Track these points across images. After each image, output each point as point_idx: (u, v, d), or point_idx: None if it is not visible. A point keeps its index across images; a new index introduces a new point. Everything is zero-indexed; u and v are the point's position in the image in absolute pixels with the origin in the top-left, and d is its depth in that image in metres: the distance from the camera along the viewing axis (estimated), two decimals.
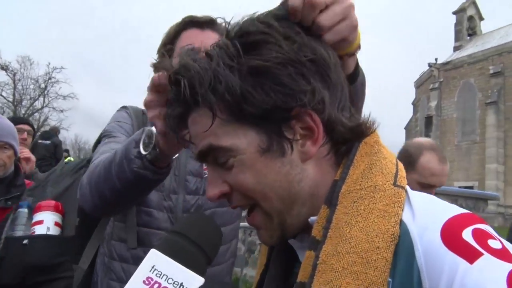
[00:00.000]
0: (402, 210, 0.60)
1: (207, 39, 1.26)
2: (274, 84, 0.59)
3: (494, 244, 0.54)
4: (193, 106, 0.64)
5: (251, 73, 0.59)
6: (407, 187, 0.64)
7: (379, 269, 0.55)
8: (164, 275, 0.56)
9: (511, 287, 0.49)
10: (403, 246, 0.56)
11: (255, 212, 0.67)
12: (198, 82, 0.60)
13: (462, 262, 0.52)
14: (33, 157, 3.24)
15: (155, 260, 0.57)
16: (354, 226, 0.59)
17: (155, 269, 0.56)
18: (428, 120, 29.33)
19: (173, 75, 0.64)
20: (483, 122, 26.31)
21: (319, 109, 0.62)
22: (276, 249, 0.76)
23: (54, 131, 7.96)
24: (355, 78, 0.81)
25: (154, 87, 0.82)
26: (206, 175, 1.35)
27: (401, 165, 0.68)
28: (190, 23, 1.42)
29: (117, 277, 1.40)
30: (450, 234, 0.55)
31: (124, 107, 1.53)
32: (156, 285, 0.56)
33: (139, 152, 0.96)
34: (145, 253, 0.58)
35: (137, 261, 1.30)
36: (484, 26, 32.62)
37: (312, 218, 0.65)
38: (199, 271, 0.58)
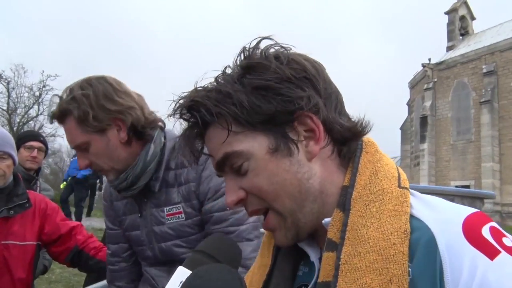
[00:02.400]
0: (411, 208, 0.67)
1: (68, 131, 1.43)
2: (275, 94, 0.68)
3: (507, 241, 0.61)
4: (207, 125, 0.72)
5: (255, 89, 0.68)
6: (410, 190, 0.71)
7: (398, 262, 0.61)
8: None
9: None
10: (420, 239, 0.62)
11: (269, 215, 0.73)
12: (212, 104, 0.69)
13: (483, 258, 0.57)
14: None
15: (183, 276, 0.64)
16: (369, 227, 0.65)
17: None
18: (423, 120, 29.45)
19: (190, 103, 0.71)
20: (477, 121, 26.44)
21: (317, 112, 0.70)
22: (282, 252, 0.79)
23: None
24: None
25: None
26: (168, 221, 1.53)
27: (401, 170, 0.75)
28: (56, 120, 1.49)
29: None
30: (471, 230, 0.61)
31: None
32: None
33: None
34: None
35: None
36: (476, 26, 32.92)
37: (326, 220, 0.70)
38: None
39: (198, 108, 0.70)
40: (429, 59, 30.74)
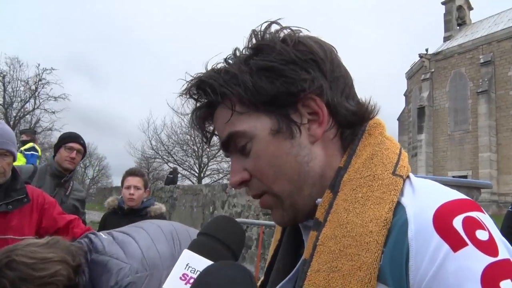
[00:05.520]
0: (401, 196, 0.65)
1: None
2: (278, 76, 0.69)
3: (482, 235, 0.58)
4: (215, 105, 0.73)
5: (260, 70, 0.69)
6: (411, 175, 0.70)
7: (371, 251, 0.60)
8: (197, 271, 0.64)
9: (484, 279, 0.53)
10: (397, 224, 0.61)
11: (265, 196, 0.73)
12: (217, 84, 0.70)
13: (446, 248, 0.56)
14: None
15: (189, 259, 0.66)
16: (351, 212, 0.65)
17: (189, 266, 0.65)
18: (421, 111, 29.46)
19: (198, 83, 0.73)
20: (475, 111, 26.45)
21: (321, 95, 0.70)
22: (289, 227, 0.82)
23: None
24: None
25: None
26: None
27: (404, 155, 0.73)
28: None
29: None
30: (442, 218, 0.59)
31: None
32: (192, 280, 0.64)
33: None
34: None
35: None
36: (473, 16, 32.79)
37: (319, 200, 0.70)
38: None
39: (205, 87, 0.71)
40: (426, 50, 30.69)
